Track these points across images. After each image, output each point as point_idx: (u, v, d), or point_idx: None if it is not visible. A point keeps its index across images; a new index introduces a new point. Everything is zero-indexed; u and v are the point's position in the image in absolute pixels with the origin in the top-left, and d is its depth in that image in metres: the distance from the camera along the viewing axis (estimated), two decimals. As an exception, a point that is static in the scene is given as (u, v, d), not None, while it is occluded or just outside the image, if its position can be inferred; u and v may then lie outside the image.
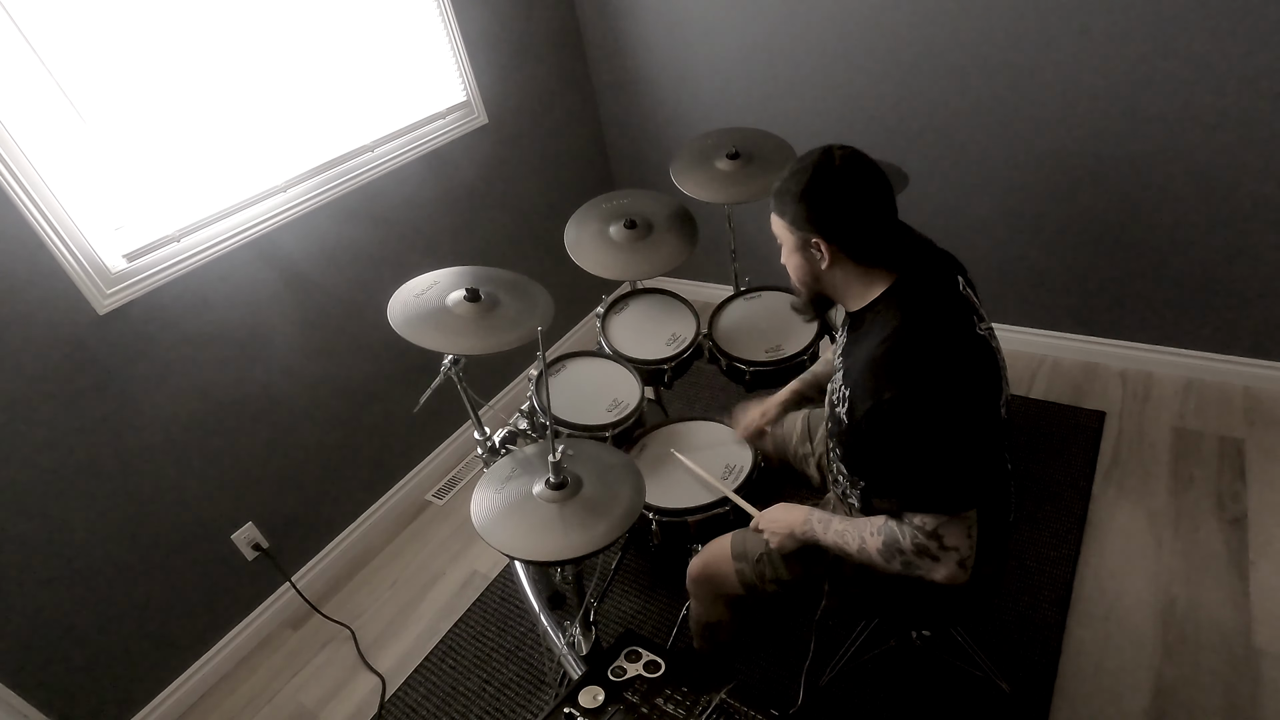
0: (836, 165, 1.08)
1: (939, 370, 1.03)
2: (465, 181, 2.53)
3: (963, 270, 1.20)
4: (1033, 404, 2.41)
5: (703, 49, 2.66)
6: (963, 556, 1.05)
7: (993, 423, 1.11)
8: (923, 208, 2.50)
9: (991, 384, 1.10)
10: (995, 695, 1.61)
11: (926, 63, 2.27)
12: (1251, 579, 1.76)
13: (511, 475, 1.32)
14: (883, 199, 1.09)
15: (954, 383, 1.03)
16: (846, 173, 1.08)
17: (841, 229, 1.09)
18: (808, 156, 1.11)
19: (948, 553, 1.05)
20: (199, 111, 1.80)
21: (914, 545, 1.07)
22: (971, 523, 1.05)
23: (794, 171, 1.11)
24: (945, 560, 1.06)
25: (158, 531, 1.86)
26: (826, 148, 1.10)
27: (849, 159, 1.08)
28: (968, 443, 1.05)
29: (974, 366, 1.08)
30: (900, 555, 1.09)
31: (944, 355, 1.04)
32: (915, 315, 1.07)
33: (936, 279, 1.13)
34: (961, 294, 1.13)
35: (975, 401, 1.07)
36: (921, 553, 1.07)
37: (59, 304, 1.61)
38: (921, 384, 1.02)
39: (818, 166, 1.08)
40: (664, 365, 1.83)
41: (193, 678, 1.99)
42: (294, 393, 2.11)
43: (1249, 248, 2.10)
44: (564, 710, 1.12)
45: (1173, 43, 1.93)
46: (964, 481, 1.05)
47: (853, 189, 1.08)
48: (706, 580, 1.46)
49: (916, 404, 1.02)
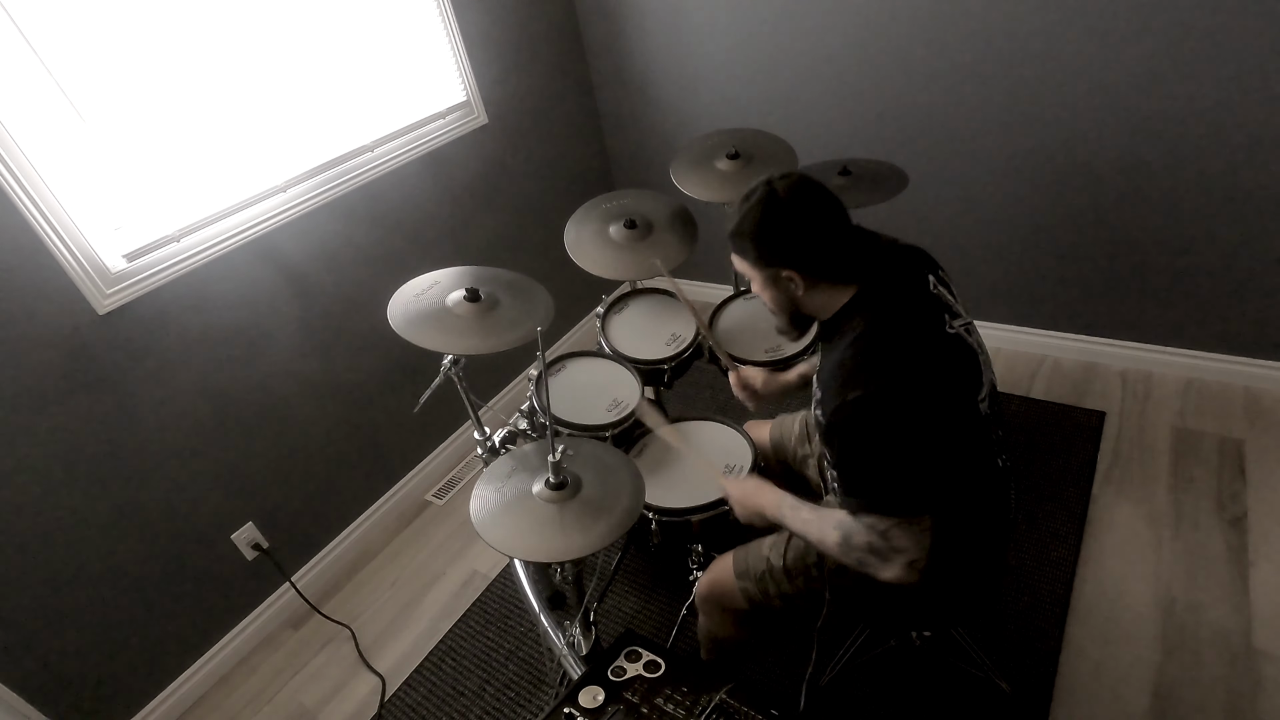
0: (783, 198, 1.11)
1: (901, 372, 1.05)
2: (465, 181, 2.53)
3: (934, 267, 1.21)
4: (1033, 404, 2.41)
5: (703, 49, 2.66)
6: (911, 559, 1.06)
7: (969, 421, 1.11)
8: (923, 208, 2.50)
9: (965, 382, 1.11)
10: (995, 695, 1.61)
11: (926, 62, 2.27)
12: (1251, 579, 1.76)
13: (511, 475, 1.32)
14: (835, 217, 1.12)
15: (917, 385, 1.04)
16: (794, 202, 1.11)
17: (804, 256, 1.13)
18: (753, 194, 1.14)
19: (896, 554, 1.07)
20: (199, 111, 1.80)
21: (865, 543, 1.09)
22: (924, 528, 1.06)
23: (744, 213, 1.14)
24: (894, 561, 1.07)
25: (158, 531, 1.86)
26: (768, 181, 1.13)
27: (793, 188, 1.11)
28: (928, 447, 1.06)
29: (941, 367, 1.09)
30: (854, 551, 1.11)
31: (908, 357, 1.06)
32: (880, 318, 1.10)
33: (903, 281, 1.15)
34: (931, 293, 1.14)
35: (941, 404, 1.07)
36: (871, 551, 1.09)
37: (59, 304, 1.61)
38: (883, 386, 1.04)
39: (766, 204, 1.11)
40: (664, 365, 1.83)
41: (193, 678, 1.99)
42: (294, 393, 2.11)
43: (1249, 247, 2.10)
44: (564, 710, 1.12)
45: (1173, 43, 1.93)
46: (918, 486, 1.06)
47: (804, 216, 1.11)
48: (714, 599, 1.46)
49: (877, 405, 1.04)
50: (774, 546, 1.38)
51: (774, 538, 1.39)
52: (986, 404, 1.15)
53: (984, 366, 1.16)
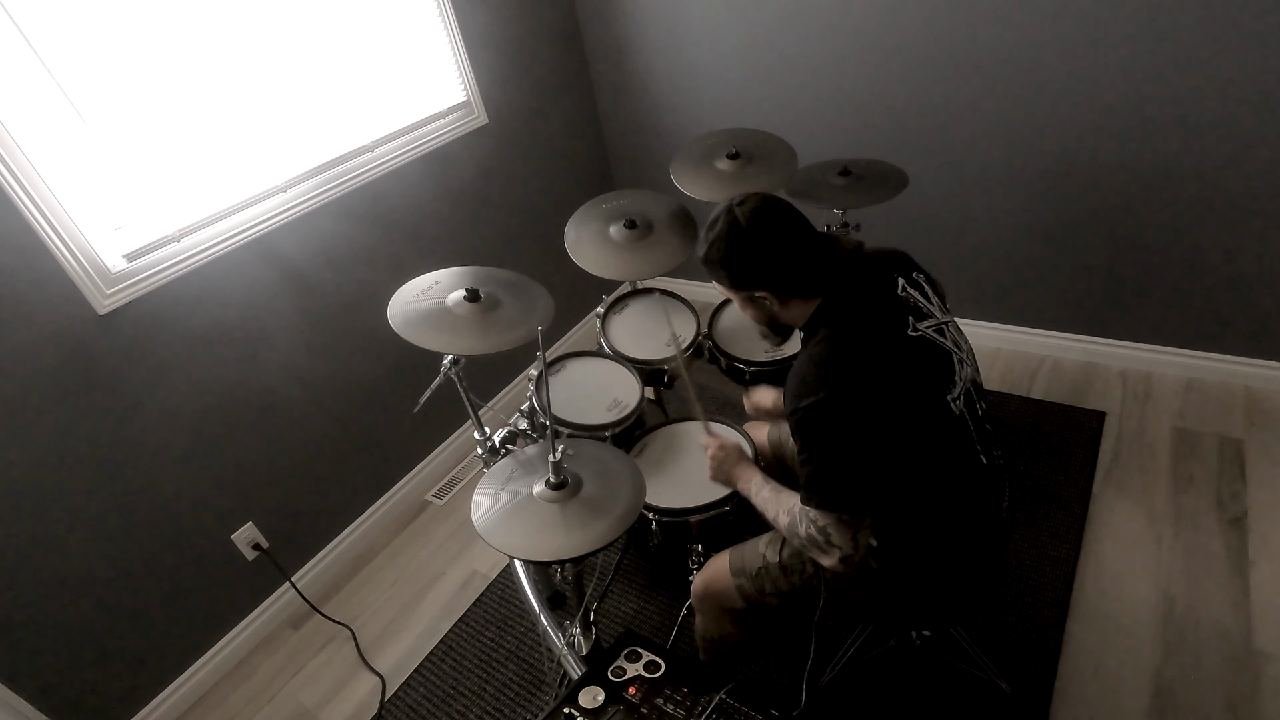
0: (745, 227, 1.16)
1: (852, 377, 1.08)
2: (465, 181, 2.53)
3: (909, 269, 1.22)
4: (1033, 404, 2.41)
5: (703, 49, 2.66)
6: (845, 555, 1.14)
7: (937, 421, 1.13)
8: (923, 208, 2.50)
9: (932, 381, 1.13)
10: (995, 695, 1.61)
11: (926, 62, 2.27)
12: (1251, 579, 1.76)
13: (512, 475, 1.32)
14: (796, 237, 1.17)
15: (867, 389, 1.07)
16: (756, 229, 1.16)
17: (771, 277, 1.18)
18: (716, 222, 1.19)
19: (832, 549, 1.14)
20: (199, 112, 1.80)
21: (806, 534, 1.17)
22: (861, 530, 1.13)
23: (710, 241, 1.20)
24: (829, 554, 1.15)
25: (158, 531, 1.86)
26: (729, 208, 1.18)
27: (755, 213, 1.16)
28: (877, 452, 1.09)
29: (898, 370, 1.10)
30: (798, 538, 1.19)
31: (860, 362, 1.09)
32: (839, 326, 1.14)
33: (866, 287, 1.18)
34: (898, 296, 1.16)
35: (896, 406, 1.09)
36: (811, 541, 1.16)
37: (59, 304, 1.61)
38: (833, 391, 1.07)
39: (730, 234, 1.17)
40: (664, 365, 1.83)
41: (193, 678, 1.99)
42: (294, 393, 2.11)
43: (1248, 247, 2.10)
44: (564, 710, 1.12)
45: (1172, 43, 1.93)
46: (861, 490, 1.10)
47: (766, 241, 1.16)
48: (710, 597, 1.47)
49: (826, 410, 1.07)
50: (770, 543, 1.38)
51: (770, 534, 1.40)
52: (961, 402, 1.16)
53: (960, 365, 1.18)
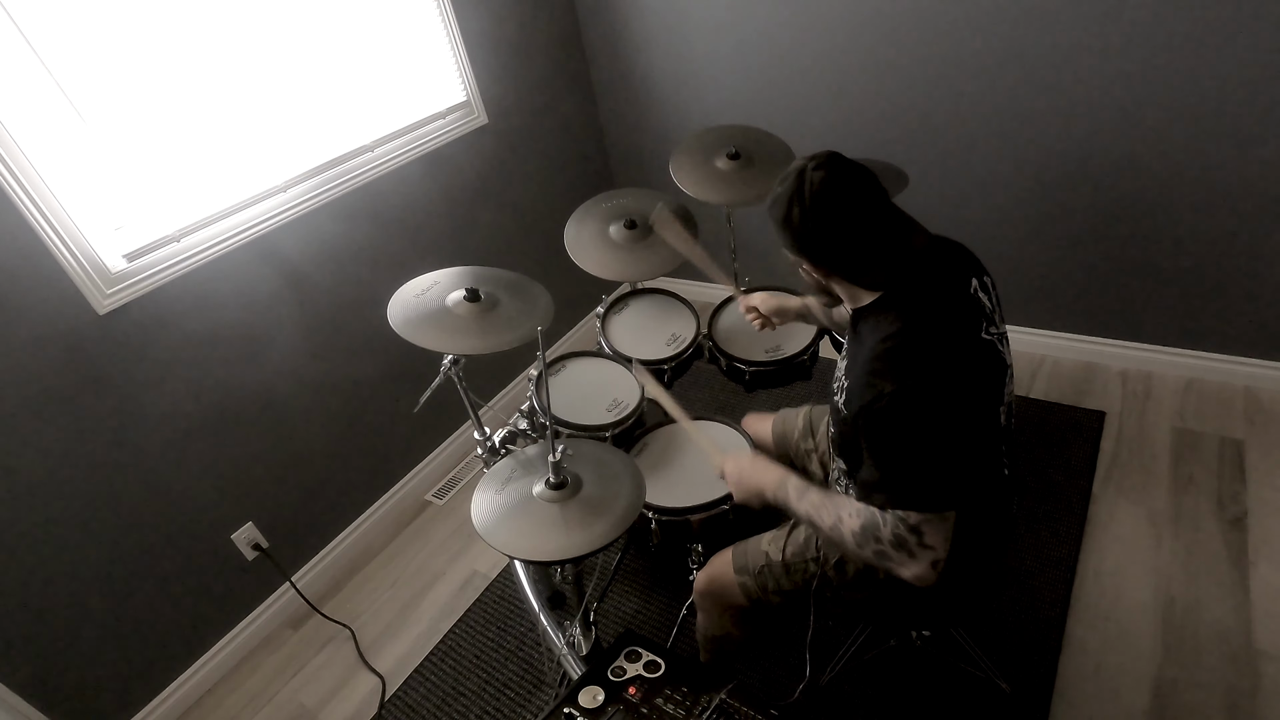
0: (813, 192, 1.03)
1: (938, 369, 1.03)
2: (465, 181, 2.53)
3: (980, 271, 1.17)
4: (1033, 404, 2.41)
5: (703, 49, 2.66)
6: (937, 557, 1.04)
7: (990, 427, 1.11)
8: (923, 208, 2.46)
9: (992, 389, 1.10)
10: (995, 695, 1.61)
11: (926, 63, 2.27)
12: (1251, 579, 1.76)
13: (511, 476, 1.32)
14: (866, 219, 1.05)
15: (952, 382, 1.03)
16: (823, 202, 1.03)
17: (827, 257, 1.09)
18: (786, 177, 1.08)
19: (925, 550, 1.04)
20: (199, 111, 1.80)
21: (893, 536, 1.05)
22: (951, 524, 1.04)
23: (775, 196, 1.09)
24: (920, 558, 1.04)
25: (158, 531, 1.86)
26: (800, 169, 1.06)
27: (825, 184, 1.03)
28: (959, 443, 1.05)
29: (974, 369, 1.08)
30: (875, 544, 1.07)
31: (944, 355, 1.04)
32: (917, 316, 1.07)
33: (942, 279, 1.12)
34: (971, 296, 1.11)
35: (972, 403, 1.07)
36: (899, 545, 1.05)
37: (59, 304, 1.61)
38: (919, 381, 1.02)
39: (794, 197, 1.05)
40: (664, 365, 1.83)
41: (193, 677, 1.99)
42: (294, 393, 2.11)
43: (1249, 247, 2.10)
44: (564, 710, 1.12)
45: (1172, 44, 1.93)
46: (950, 481, 1.04)
47: (832, 218, 1.05)
48: (712, 594, 1.45)
49: (913, 400, 1.01)
50: (773, 541, 1.37)
51: (773, 533, 1.39)
52: (1004, 416, 1.14)
53: (1008, 380, 1.16)
